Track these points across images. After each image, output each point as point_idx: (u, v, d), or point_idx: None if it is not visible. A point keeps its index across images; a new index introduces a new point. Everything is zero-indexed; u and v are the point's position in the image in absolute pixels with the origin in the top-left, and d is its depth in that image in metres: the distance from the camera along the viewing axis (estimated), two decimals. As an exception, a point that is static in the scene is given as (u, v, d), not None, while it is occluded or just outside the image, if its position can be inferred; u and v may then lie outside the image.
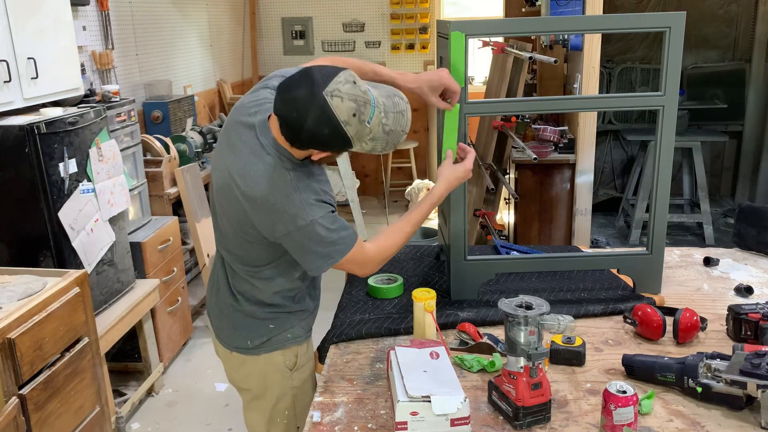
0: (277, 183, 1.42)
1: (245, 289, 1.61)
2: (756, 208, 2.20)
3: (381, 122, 1.40)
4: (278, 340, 1.63)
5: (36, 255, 2.48)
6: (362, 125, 1.36)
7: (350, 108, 1.33)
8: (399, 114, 1.43)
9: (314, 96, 1.31)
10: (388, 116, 1.41)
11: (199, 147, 4.17)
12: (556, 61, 2.61)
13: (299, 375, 1.68)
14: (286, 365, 1.65)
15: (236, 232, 1.52)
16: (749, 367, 1.27)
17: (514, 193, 3.31)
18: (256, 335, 1.63)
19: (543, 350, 1.27)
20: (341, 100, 1.32)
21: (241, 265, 1.58)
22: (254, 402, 1.71)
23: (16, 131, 2.34)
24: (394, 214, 6.06)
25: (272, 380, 1.66)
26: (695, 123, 5.15)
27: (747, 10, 5.30)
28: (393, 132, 1.43)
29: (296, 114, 1.33)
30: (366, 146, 1.43)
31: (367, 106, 1.36)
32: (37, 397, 1.99)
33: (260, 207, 1.43)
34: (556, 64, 2.75)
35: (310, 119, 1.32)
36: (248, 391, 1.71)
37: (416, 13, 6.28)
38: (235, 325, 1.65)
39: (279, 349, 1.64)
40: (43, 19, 2.61)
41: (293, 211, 1.41)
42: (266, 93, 1.55)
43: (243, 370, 1.68)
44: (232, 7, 6.01)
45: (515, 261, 1.92)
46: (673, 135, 1.73)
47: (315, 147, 1.41)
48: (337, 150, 1.44)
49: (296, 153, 1.45)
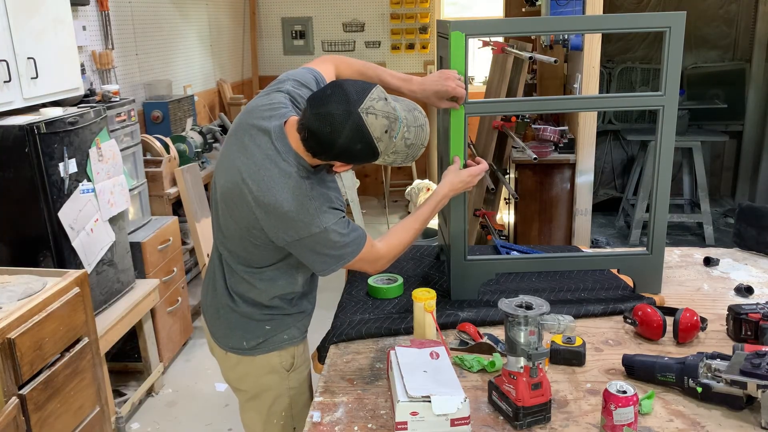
0: (292, 191, 1.42)
1: (243, 289, 1.60)
2: (756, 208, 2.20)
3: (404, 137, 1.44)
4: (274, 341, 1.63)
5: (36, 255, 2.48)
6: (390, 140, 1.40)
7: (383, 125, 1.37)
8: (419, 128, 1.49)
9: (350, 114, 1.34)
10: (410, 130, 1.46)
11: (199, 147, 4.17)
12: (556, 61, 2.61)
13: (296, 376, 1.68)
14: (282, 366, 1.65)
15: (242, 234, 1.51)
16: (749, 367, 1.27)
17: (514, 193, 3.31)
18: (252, 336, 1.62)
19: (543, 350, 1.27)
20: (375, 117, 1.35)
21: (241, 265, 1.57)
22: (250, 402, 1.71)
23: (16, 131, 2.34)
24: (394, 214, 6.06)
25: (268, 381, 1.66)
26: (695, 123, 5.15)
27: (747, 10, 5.30)
28: (413, 146, 1.48)
29: (330, 129, 1.34)
30: (388, 159, 1.47)
31: (397, 122, 1.40)
32: (37, 397, 1.99)
33: (273, 213, 1.43)
34: (556, 64, 2.75)
35: (344, 135, 1.34)
36: (244, 391, 1.71)
37: (416, 13, 6.28)
38: (231, 326, 1.64)
39: (275, 350, 1.63)
40: (43, 19, 2.61)
41: (308, 219, 1.42)
42: (281, 97, 1.54)
43: (239, 370, 1.68)
44: (232, 7, 6.01)
45: (515, 261, 1.92)
46: (673, 135, 1.73)
47: (342, 160, 1.43)
48: (362, 163, 1.47)
49: (312, 161, 1.45)
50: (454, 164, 1.73)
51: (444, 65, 1.81)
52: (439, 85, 1.64)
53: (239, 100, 5.52)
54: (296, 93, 1.56)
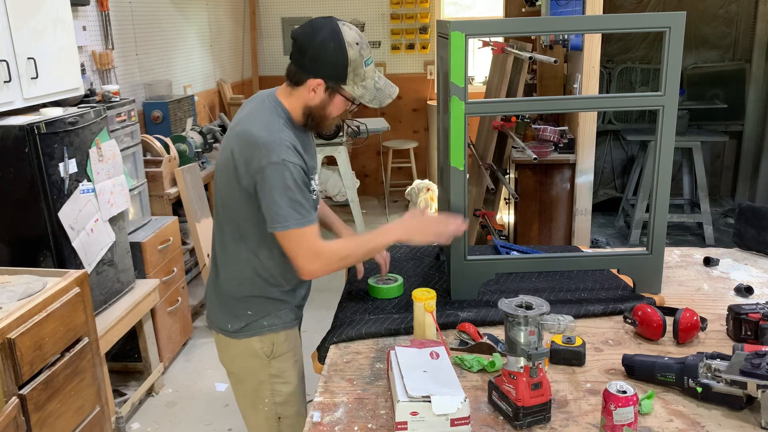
0: (267, 125, 1.57)
1: (224, 264, 1.71)
2: (756, 208, 2.20)
3: (375, 77, 1.64)
4: (255, 326, 1.71)
5: (36, 255, 2.48)
6: (360, 59, 1.58)
7: (355, 37, 1.58)
8: (390, 86, 1.69)
9: (330, 20, 1.59)
10: (381, 80, 1.66)
11: (199, 147, 4.17)
12: (556, 61, 2.61)
13: (278, 364, 1.73)
14: (264, 352, 1.72)
15: (222, 190, 1.64)
16: (749, 367, 1.27)
17: (514, 193, 3.31)
18: (235, 320, 1.71)
19: (543, 350, 1.27)
20: (349, 29, 1.60)
21: (220, 236, 1.70)
22: (238, 386, 1.80)
23: (16, 131, 2.34)
24: (394, 214, 6.06)
25: (252, 365, 1.74)
26: (695, 123, 5.15)
27: (747, 10, 5.30)
28: (381, 91, 1.65)
29: (311, 30, 1.57)
30: (357, 90, 1.61)
31: (368, 50, 1.61)
32: (37, 397, 1.99)
33: (245, 139, 1.56)
34: (556, 64, 2.75)
35: (320, 34, 1.55)
36: (234, 374, 1.80)
37: (416, 13, 6.28)
38: (218, 305, 1.75)
39: (256, 335, 1.71)
40: (43, 19, 2.61)
41: (271, 147, 1.53)
42: None
43: (228, 352, 1.77)
44: (232, 7, 6.01)
45: (515, 261, 1.92)
46: (673, 135, 1.73)
47: (315, 67, 1.57)
48: (333, 78, 1.58)
49: (298, 116, 1.63)
50: (425, 210, 1.79)
51: (444, 65, 1.81)
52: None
53: (239, 100, 5.52)
54: None
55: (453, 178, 1.76)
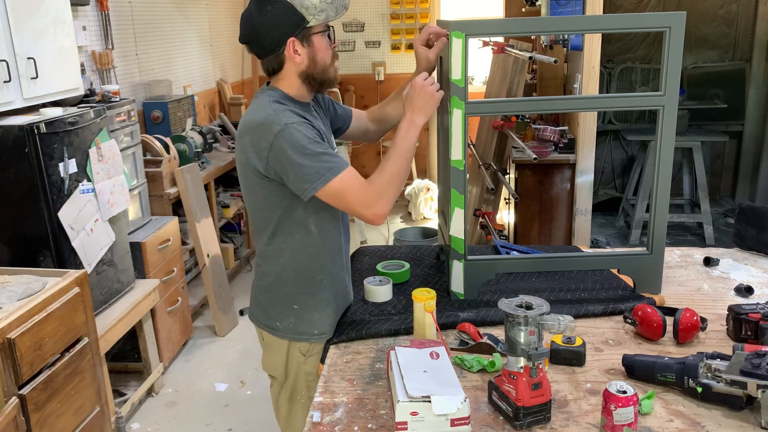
0: (260, 106, 1.57)
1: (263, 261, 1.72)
2: (756, 208, 2.20)
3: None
4: (302, 331, 1.72)
5: (36, 255, 2.48)
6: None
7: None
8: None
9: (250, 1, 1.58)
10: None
11: (199, 147, 4.17)
12: (556, 61, 2.61)
13: (312, 361, 1.76)
14: (300, 351, 1.75)
15: (244, 185, 1.64)
16: (749, 367, 1.27)
17: (514, 193, 3.31)
18: (281, 317, 1.73)
19: (543, 350, 1.27)
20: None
21: (256, 230, 1.70)
22: (277, 383, 1.81)
23: (16, 131, 2.34)
24: (394, 214, 6.06)
25: (291, 364, 1.76)
26: (695, 123, 5.15)
27: (747, 10, 5.30)
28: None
29: (247, 20, 1.59)
30: (320, 16, 1.56)
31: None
32: (37, 397, 1.99)
33: (248, 129, 1.56)
34: (556, 64, 2.75)
35: (255, 13, 1.56)
36: (273, 375, 1.82)
37: (416, 13, 6.28)
38: (258, 303, 1.77)
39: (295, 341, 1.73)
40: (43, 18, 2.62)
41: (270, 119, 1.52)
42: None
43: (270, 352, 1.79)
44: (232, 7, 6.01)
45: (515, 261, 1.92)
46: (673, 135, 1.73)
47: (276, 36, 1.56)
48: (295, 26, 1.55)
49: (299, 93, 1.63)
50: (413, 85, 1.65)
51: (444, 65, 1.81)
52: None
53: (239, 100, 5.52)
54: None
55: (453, 178, 1.76)
